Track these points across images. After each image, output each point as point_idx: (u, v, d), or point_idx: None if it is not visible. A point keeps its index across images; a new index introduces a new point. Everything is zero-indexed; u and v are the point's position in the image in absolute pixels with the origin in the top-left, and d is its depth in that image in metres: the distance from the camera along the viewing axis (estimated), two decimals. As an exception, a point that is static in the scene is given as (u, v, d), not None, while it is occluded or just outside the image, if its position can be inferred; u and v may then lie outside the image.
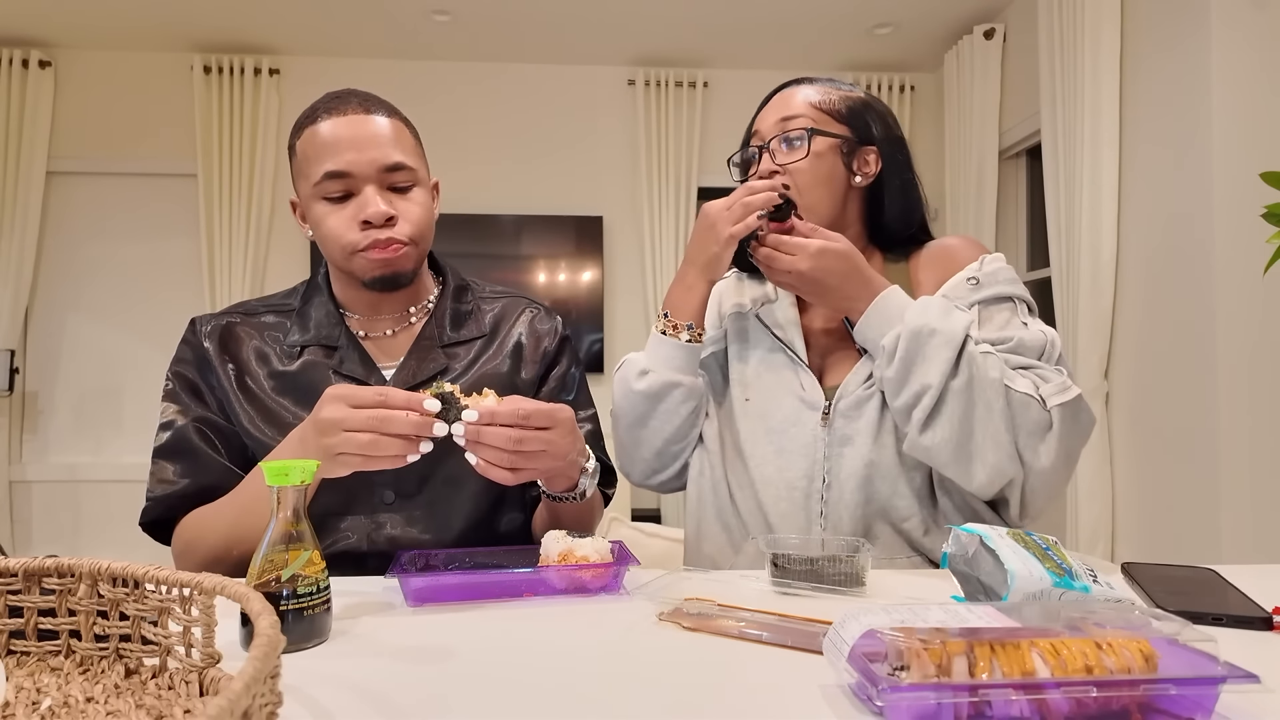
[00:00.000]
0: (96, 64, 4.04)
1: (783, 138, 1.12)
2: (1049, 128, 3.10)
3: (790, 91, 1.16)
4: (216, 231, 3.96)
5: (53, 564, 0.61)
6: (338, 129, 1.00)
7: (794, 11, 3.68)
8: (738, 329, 1.20)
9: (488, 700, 0.58)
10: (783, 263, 1.03)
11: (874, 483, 1.05)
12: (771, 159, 1.13)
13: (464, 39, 3.96)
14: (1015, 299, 1.08)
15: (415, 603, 0.81)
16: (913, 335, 0.98)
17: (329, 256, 1.07)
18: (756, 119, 1.18)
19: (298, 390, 1.05)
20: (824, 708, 0.56)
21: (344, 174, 0.99)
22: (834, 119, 1.13)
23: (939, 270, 1.13)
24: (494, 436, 0.82)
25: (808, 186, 1.11)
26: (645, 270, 4.17)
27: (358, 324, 1.10)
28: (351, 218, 1.01)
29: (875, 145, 1.14)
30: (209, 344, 1.07)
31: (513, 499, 1.11)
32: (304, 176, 1.03)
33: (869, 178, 1.14)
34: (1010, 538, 0.74)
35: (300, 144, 1.03)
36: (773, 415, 1.11)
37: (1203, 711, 0.52)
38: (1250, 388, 2.37)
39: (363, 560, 1.00)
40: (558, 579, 0.83)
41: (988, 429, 0.96)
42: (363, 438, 0.80)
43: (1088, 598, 0.68)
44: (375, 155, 1.00)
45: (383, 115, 1.04)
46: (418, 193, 1.05)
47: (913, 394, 0.98)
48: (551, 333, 1.18)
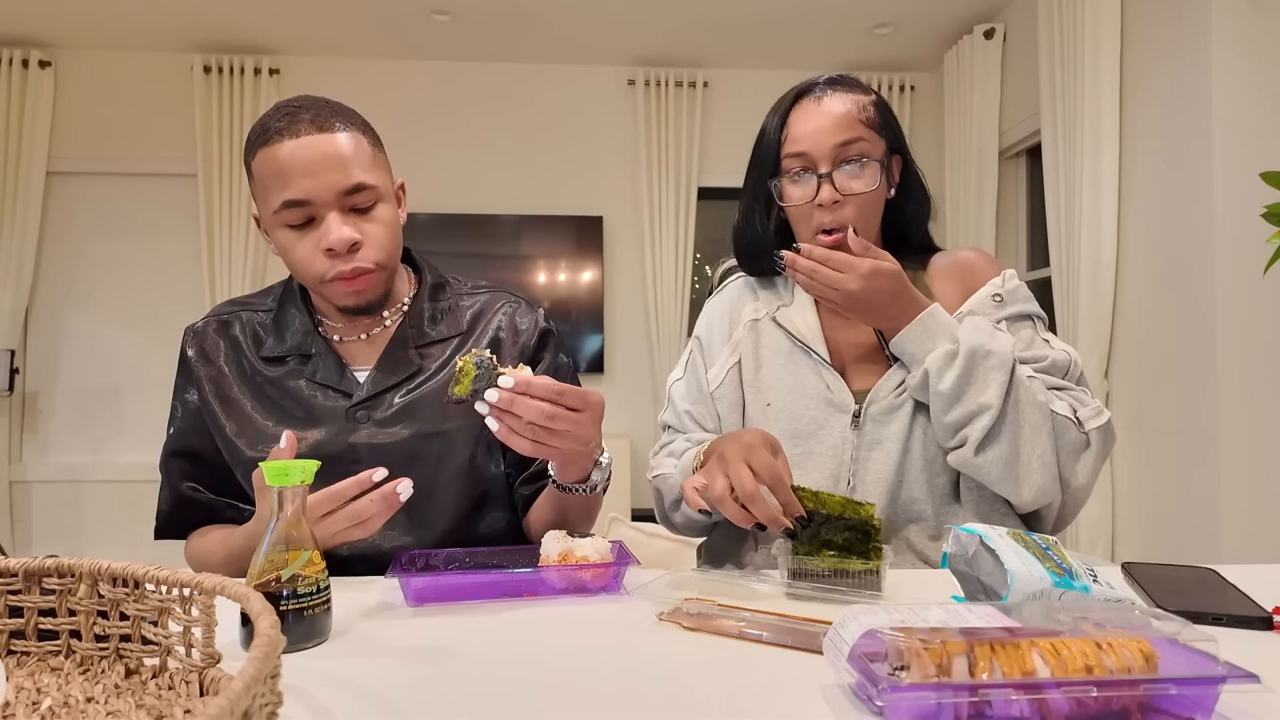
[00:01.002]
0: (96, 64, 4.04)
1: (846, 169, 1.06)
2: (1049, 128, 3.10)
3: (832, 105, 1.08)
4: (216, 231, 3.96)
5: (53, 564, 0.61)
6: (292, 154, 0.95)
7: (794, 11, 3.68)
8: (752, 336, 1.18)
9: (488, 700, 0.58)
10: (830, 279, 1.00)
11: (900, 487, 1.05)
12: (835, 189, 1.06)
13: (464, 39, 3.96)
14: (1034, 317, 1.10)
15: (415, 602, 0.81)
16: (970, 355, 0.98)
17: (300, 280, 1.06)
18: (792, 128, 1.09)
19: (275, 400, 1.05)
20: (824, 708, 0.56)
21: (303, 202, 0.96)
22: (876, 131, 1.08)
23: (958, 284, 1.12)
24: (526, 408, 0.81)
25: (867, 218, 1.08)
26: (645, 270, 4.17)
27: (330, 329, 1.10)
28: (315, 245, 0.98)
29: (900, 152, 1.12)
30: (191, 353, 1.09)
31: (496, 499, 1.10)
32: (263, 200, 1.00)
33: (896, 186, 1.13)
34: (1010, 538, 0.74)
35: (256, 165, 0.99)
36: (799, 417, 1.10)
37: (1203, 711, 0.52)
38: (1250, 388, 2.37)
39: (346, 564, 1.00)
40: (558, 579, 0.83)
41: (1035, 450, 0.99)
42: (351, 531, 0.81)
43: (1088, 597, 0.68)
44: (333, 179, 0.96)
45: (338, 131, 0.98)
46: (381, 209, 1.02)
47: (967, 413, 0.99)
48: (531, 326, 1.14)
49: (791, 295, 1.18)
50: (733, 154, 4.32)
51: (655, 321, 4.16)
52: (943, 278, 1.14)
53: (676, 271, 4.17)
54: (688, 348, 1.26)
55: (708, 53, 4.11)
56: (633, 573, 0.89)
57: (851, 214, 1.06)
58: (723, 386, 1.17)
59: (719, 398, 1.17)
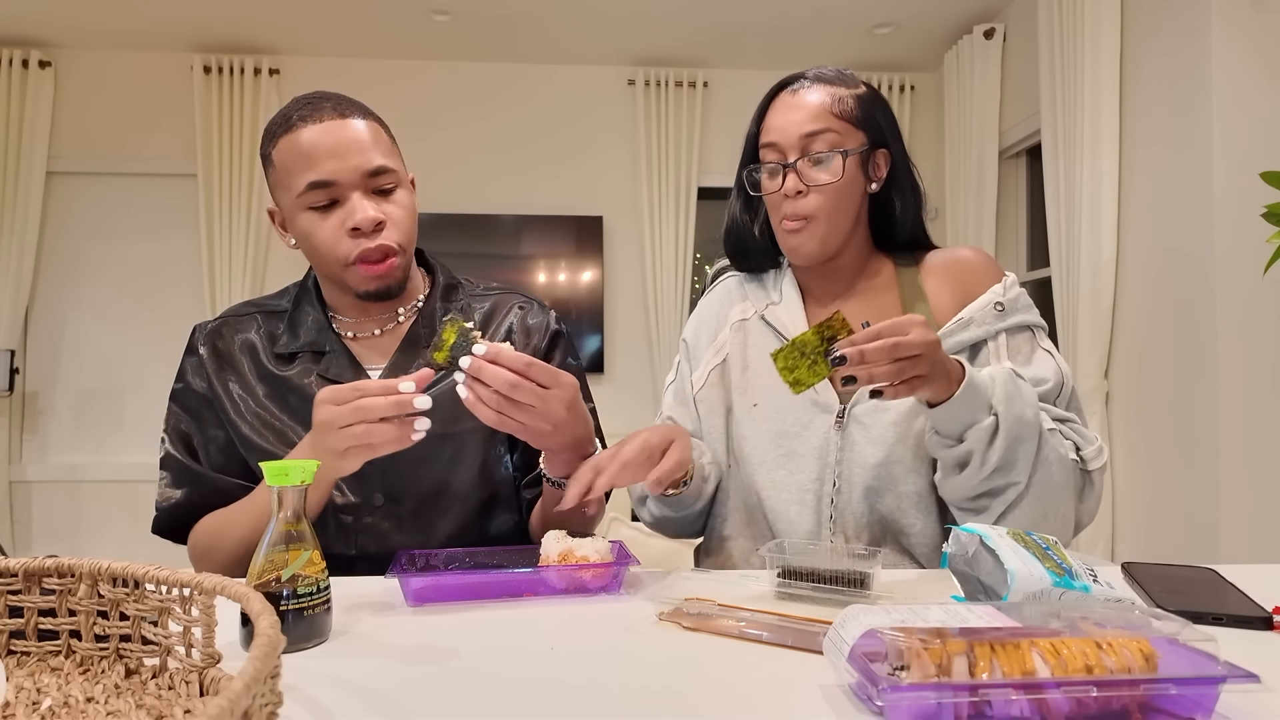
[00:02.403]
0: (96, 64, 4.04)
1: (812, 158, 1.06)
2: (1049, 128, 3.10)
3: (806, 96, 1.08)
4: (216, 231, 3.96)
5: (53, 564, 0.61)
6: (316, 137, 0.98)
7: (794, 11, 3.68)
8: (740, 336, 1.18)
9: (488, 700, 0.58)
10: (889, 350, 0.85)
11: (884, 487, 1.04)
12: (799, 179, 1.06)
13: (464, 39, 3.96)
14: (1034, 328, 1.08)
15: (415, 602, 0.81)
16: (1011, 438, 0.91)
17: (320, 267, 1.06)
18: (768, 120, 1.11)
19: (289, 397, 1.05)
20: (824, 708, 0.56)
21: (328, 183, 0.98)
22: (852, 124, 1.07)
23: (955, 285, 1.10)
24: (492, 376, 0.83)
25: (833, 208, 1.06)
26: (645, 270, 4.17)
27: (346, 325, 1.10)
28: (339, 226, 1.00)
29: (887, 147, 1.10)
30: (205, 351, 1.08)
31: (504, 502, 1.11)
32: (284, 187, 1.01)
33: (881, 182, 1.11)
34: (1010, 537, 0.74)
35: (277, 154, 1.01)
36: (785, 417, 1.09)
37: (1203, 711, 0.52)
38: (1250, 388, 2.37)
39: (351, 564, 1.00)
40: (558, 579, 0.83)
41: (1059, 510, 0.97)
42: (355, 430, 0.82)
43: (1088, 597, 0.68)
44: (358, 161, 0.99)
45: (358, 118, 1.02)
46: (401, 194, 1.04)
47: (993, 488, 0.95)
48: (542, 328, 1.16)
49: (780, 294, 1.18)
50: (733, 154, 4.27)
51: (655, 322, 4.16)
52: (938, 275, 1.12)
53: (676, 271, 4.17)
54: (679, 355, 1.27)
55: (708, 53, 4.11)
56: (633, 572, 0.89)
57: (815, 204, 1.06)
58: (704, 389, 1.17)
59: (700, 400, 1.17)
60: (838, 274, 1.14)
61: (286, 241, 1.07)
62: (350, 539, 1.03)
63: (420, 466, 1.03)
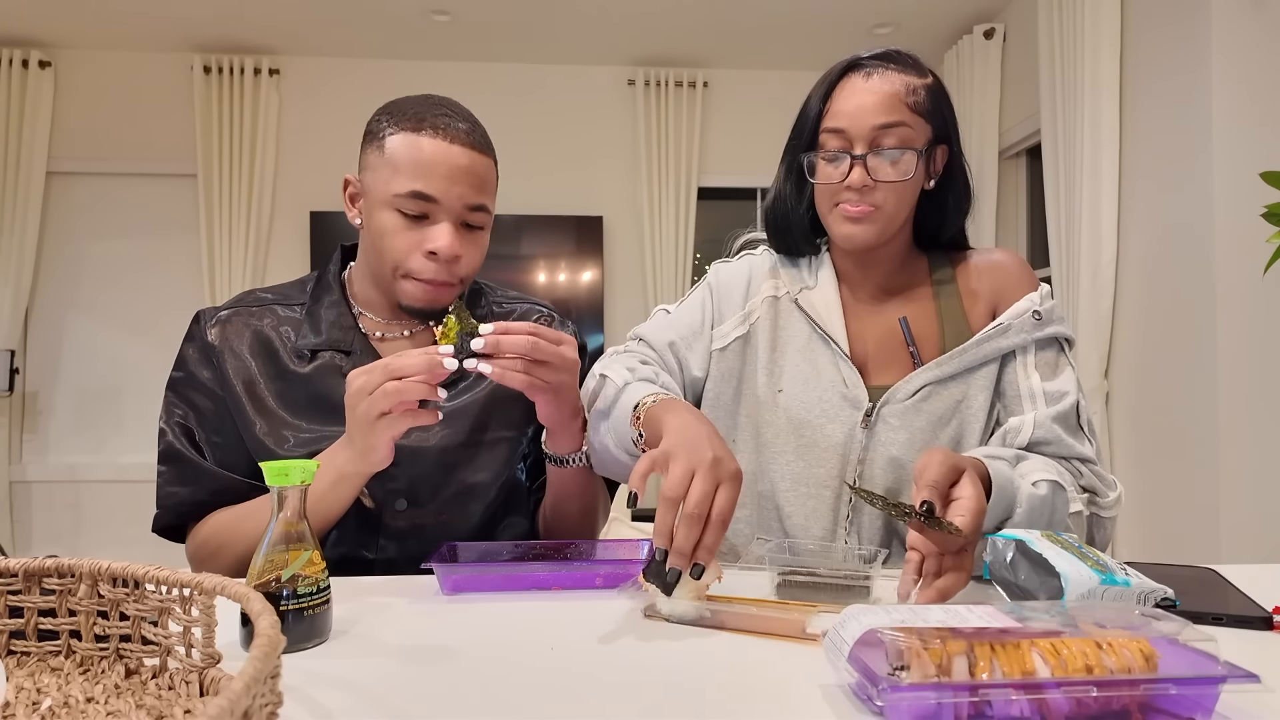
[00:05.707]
0: (96, 64, 4.04)
1: (885, 155, 1.00)
2: (1049, 128, 3.10)
3: (879, 82, 1.01)
4: (216, 231, 3.96)
5: (53, 564, 0.61)
6: (439, 153, 0.98)
7: (794, 11, 3.68)
8: (770, 314, 1.12)
9: (488, 700, 0.58)
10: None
11: (905, 489, 1.01)
12: (868, 173, 1.00)
13: (464, 39, 3.96)
14: (1064, 341, 1.05)
15: (451, 591, 0.85)
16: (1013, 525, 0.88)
17: (375, 263, 1.04)
18: (835, 102, 1.03)
19: (310, 397, 1.03)
20: (824, 708, 0.56)
21: (430, 199, 0.98)
22: (923, 117, 1.01)
23: (989, 288, 1.08)
24: (512, 343, 0.87)
25: (897, 203, 1.02)
26: (645, 270, 4.17)
27: (372, 324, 1.09)
28: (419, 242, 0.99)
29: (948, 142, 1.05)
30: (214, 339, 1.04)
31: (517, 507, 1.12)
32: (383, 177, 1.00)
33: (937, 177, 1.06)
34: (1046, 540, 0.74)
35: (392, 143, 0.99)
36: (810, 408, 1.05)
37: (1203, 711, 0.52)
38: (1250, 388, 2.37)
39: (369, 567, 1.00)
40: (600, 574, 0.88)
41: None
42: (388, 386, 0.84)
43: (1130, 591, 0.69)
44: (464, 192, 0.99)
45: (482, 154, 1.03)
46: (483, 236, 1.05)
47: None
48: None
49: (815, 278, 1.13)
50: (733, 154, 4.32)
51: (655, 321, 4.15)
52: (974, 276, 1.10)
53: (676, 271, 4.17)
54: (694, 291, 1.18)
55: (708, 53, 4.11)
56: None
57: (879, 198, 1.01)
58: (726, 353, 1.12)
59: (717, 361, 1.12)
60: (877, 265, 1.10)
61: (351, 216, 1.06)
62: (372, 542, 1.02)
63: (447, 473, 1.04)
